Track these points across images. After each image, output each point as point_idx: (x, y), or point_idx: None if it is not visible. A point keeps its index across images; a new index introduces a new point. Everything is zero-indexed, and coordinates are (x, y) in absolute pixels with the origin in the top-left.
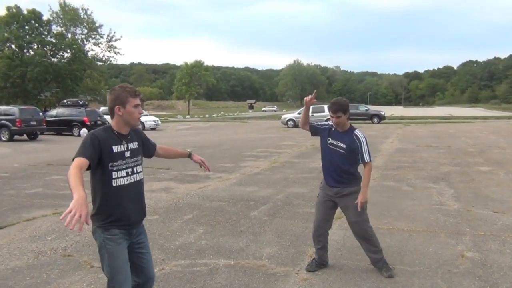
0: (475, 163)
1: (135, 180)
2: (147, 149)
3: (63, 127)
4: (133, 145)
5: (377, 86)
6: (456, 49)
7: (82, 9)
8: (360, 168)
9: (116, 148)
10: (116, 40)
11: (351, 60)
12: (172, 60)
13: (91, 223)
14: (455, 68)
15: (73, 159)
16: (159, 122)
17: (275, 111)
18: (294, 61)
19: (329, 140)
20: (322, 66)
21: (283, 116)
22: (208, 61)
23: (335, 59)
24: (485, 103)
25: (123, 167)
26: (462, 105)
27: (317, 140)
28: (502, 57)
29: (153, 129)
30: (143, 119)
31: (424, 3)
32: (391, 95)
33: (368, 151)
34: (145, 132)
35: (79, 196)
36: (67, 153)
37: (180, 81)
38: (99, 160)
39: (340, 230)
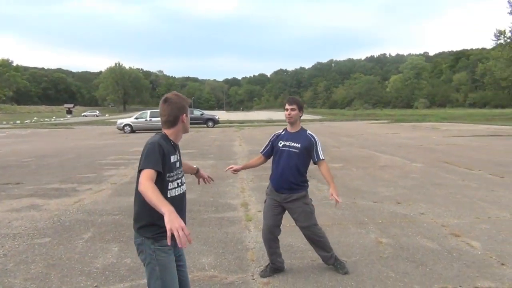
0: (326, 161)
1: (183, 191)
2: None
3: None
4: (179, 155)
5: (199, 91)
6: (269, 58)
7: None
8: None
9: (173, 158)
10: None
11: (174, 65)
12: None
13: (137, 235)
14: (269, 75)
15: (140, 170)
16: None
17: (97, 116)
18: (116, 64)
19: (280, 143)
20: (145, 70)
21: (119, 121)
22: (14, 61)
23: (158, 64)
24: None
25: (175, 177)
26: (277, 109)
27: None
28: (307, 67)
29: None
30: None
31: (240, 15)
32: (213, 100)
33: (321, 149)
34: None
35: (170, 210)
36: None
37: None
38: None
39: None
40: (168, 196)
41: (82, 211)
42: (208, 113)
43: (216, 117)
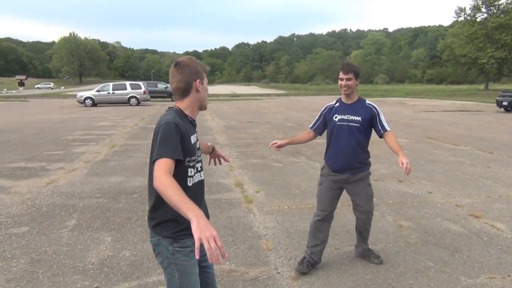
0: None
1: (202, 177)
2: None
3: None
4: (196, 131)
5: (159, 64)
6: (231, 31)
7: None
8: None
9: (193, 138)
10: None
11: (132, 37)
12: None
13: (152, 233)
14: (230, 49)
15: (154, 160)
16: None
17: (52, 88)
18: (70, 34)
19: (335, 117)
20: (102, 41)
21: (79, 94)
22: None
23: (115, 35)
24: (258, 82)
25: (195, 161)
26: (239, 83)
27: (138, 119)
28: (269, 41)
29: None
30: None
31: None
32: None
33: (385, 119)
34: None
35: (198, 214)
36: None
37: None
38: None
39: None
40: (189, 184)
41: (59, 194)
42: None
43: None
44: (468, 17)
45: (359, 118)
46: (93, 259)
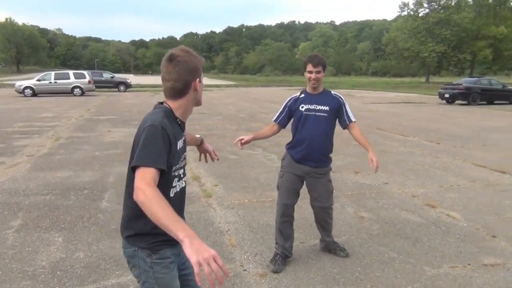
0: (258, 127)
1: (184, 184)
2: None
3: None
4: (184, 135)
5: (104, 53)
6: (179, 21)
7: None
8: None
9: (179, 144)
10: None
11: (74, 24)
12: None
13: (126, 244)
14: (178, 38)
15: (133, 168)
16: None
17: None
18: (6, 19)
19: (302, 106)
20: (42, 27)
21: (18, 83)
22: None
23: (56, 21)
24: (207, 73)
25: (178, 168)
26: None
27: (84, 110)
28: (218, 31)
29: None
30: None
31: None
32: (119, 62)
33: (350, 110)
34: None
35: (190, 235)
36: None
37: None
38: None
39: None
40: (171, 194)
41: (0, 191)
42: (118, 76)
43: (128, 81)
44: (411, 12)
45: (326, 108)
46: (43, 263)
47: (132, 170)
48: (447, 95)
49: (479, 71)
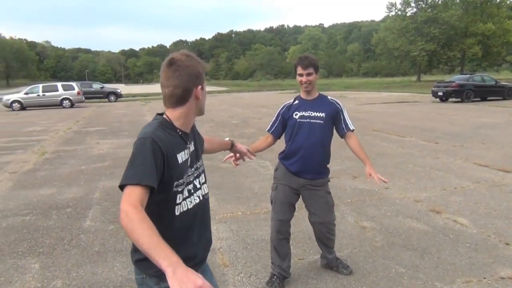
0: (252, 134)
1: (201, 198)
2: (200, 147)
3: None
4: (192, 146)
5: (94, 64)
6: (168, 29)
7: None
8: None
9: (181, 157)
10: None
11: (62, 36)
12: None
13: (136, 270)
14: (168, 47)
15: (122, 187)
16: None
17: None
18: None
19: (296, 114)
20: (30, 40)
21: (5, 97)
22: None
23: (44, 34)
24: None
25: (186, 182)
26: None
27: (72, 122)
28: (207, 38)
29: None
30: None
31: None
32: (110, 72)
33: (349, 117)
34: None
35: (173, 262)
36: None
37: None
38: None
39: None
40: (177, 213)
41: None
42: (108, 86)
43: (118, 91)
44: (399, 12)
45: (322, 114)
46: None
47: (121, 189)
48: (440, 93)
49: (469, 68)
